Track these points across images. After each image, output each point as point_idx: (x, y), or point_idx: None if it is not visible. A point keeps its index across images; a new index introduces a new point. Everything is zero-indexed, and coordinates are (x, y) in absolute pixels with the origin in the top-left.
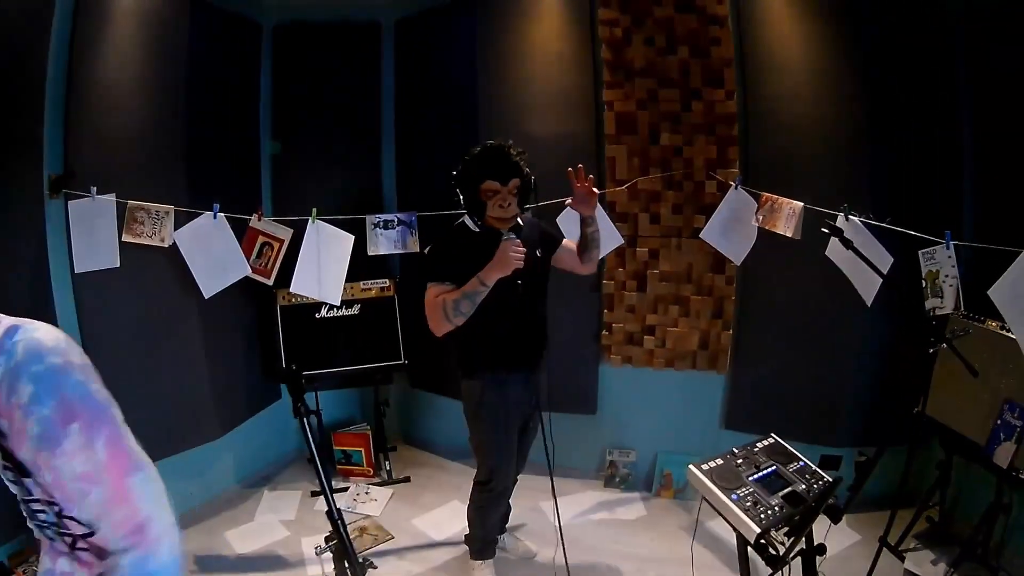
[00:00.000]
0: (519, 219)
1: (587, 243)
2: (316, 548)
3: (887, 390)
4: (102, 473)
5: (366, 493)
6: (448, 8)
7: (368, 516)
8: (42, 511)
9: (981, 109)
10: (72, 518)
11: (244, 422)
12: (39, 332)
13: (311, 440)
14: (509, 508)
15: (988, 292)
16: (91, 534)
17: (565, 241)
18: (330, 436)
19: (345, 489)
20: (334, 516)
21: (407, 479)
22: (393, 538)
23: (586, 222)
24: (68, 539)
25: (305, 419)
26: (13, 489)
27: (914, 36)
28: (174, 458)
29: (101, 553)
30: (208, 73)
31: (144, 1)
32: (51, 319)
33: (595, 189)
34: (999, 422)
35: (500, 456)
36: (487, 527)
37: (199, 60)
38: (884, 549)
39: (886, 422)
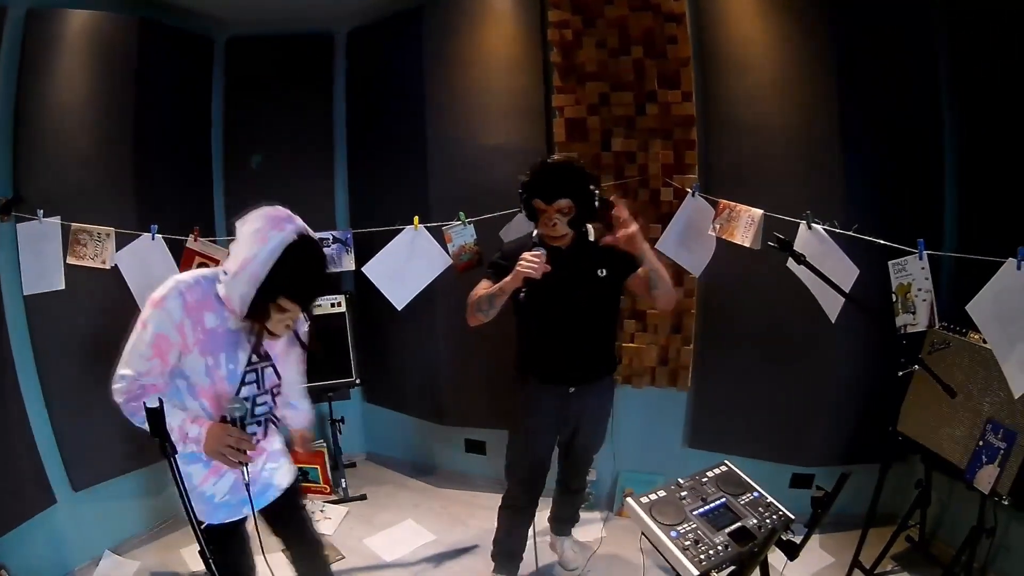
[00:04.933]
0: (591, 233)
1: (648, 280)
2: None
3: (861, 407)
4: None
5: (321, 511)
6: (398, 17)
7: (321, 535)
8: (264, 402)
9: (965, 109)
10: (282, 391)
11: None
12: None
13: (179, 479)
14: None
15: (967, 307)
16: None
17: (641, 269)
18: None
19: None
20: (206, 555)
21: (363, 497)
22: (344, 558)
23: (641, 260)
24: (270, 418)
25: (172, 458)
26: (247, 392)
27: (890, 31)
28: (134, 475)
29: (276, 421)
30: (158, 92)
31: (93, 23)
32: (3, 340)
33: (631, 226)
34: (981, 443)
35: (515, 457)
36: (500, 535)
37: (148, 79)
38: (858, 571)
39: (860, 440)
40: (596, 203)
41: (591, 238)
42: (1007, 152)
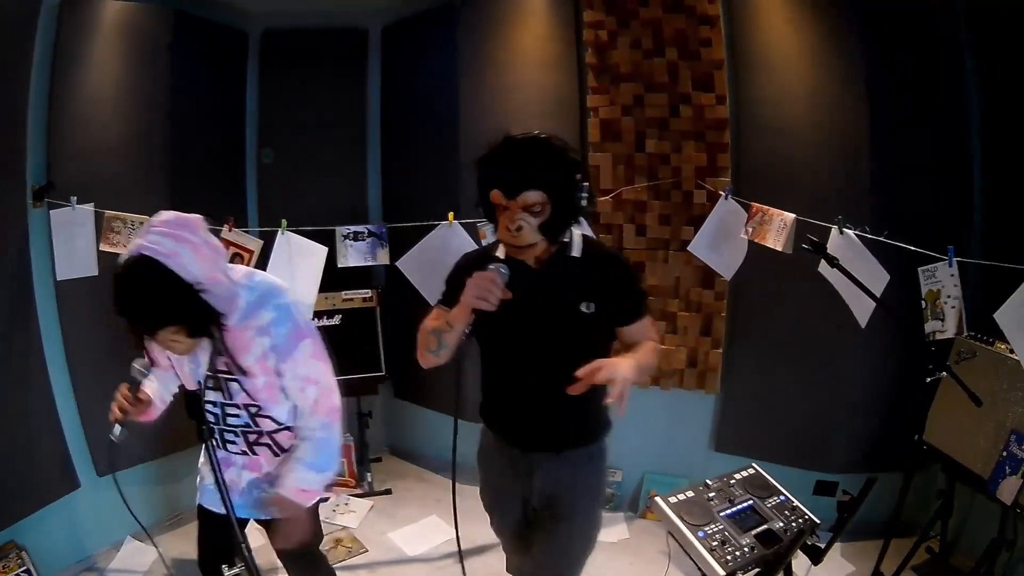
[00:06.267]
0: (576, 246)
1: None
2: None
3: (886, 414)
4: (319, 375)
5: (345, 504)
6: (433, 13)
7: (345, 528)
8: (236, 415)
9: (992, 114)
10: (269, 417)
11: None
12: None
13: (216, 463)
14: None
15: (994, 315)
16: (281, 430)
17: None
18: None
19: (326, 499)
20: (239, 542)
21: (388, 491)
22: (367, 551)
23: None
24: (252, 436)
25: (210, 441)
26: (212, 396)
27: (919, 35)
28: (163, 461)
29: (277, 448)
30: (192, 83)
31: (127, 14)
32: (33, 324)
33: (617, 395)
34: (1004, 454)
35: (492, 521)
36: None
37: (182, 71)
38: None
39: (885, 448)
40: (583, 200)
41: (575, 252)
42: None
